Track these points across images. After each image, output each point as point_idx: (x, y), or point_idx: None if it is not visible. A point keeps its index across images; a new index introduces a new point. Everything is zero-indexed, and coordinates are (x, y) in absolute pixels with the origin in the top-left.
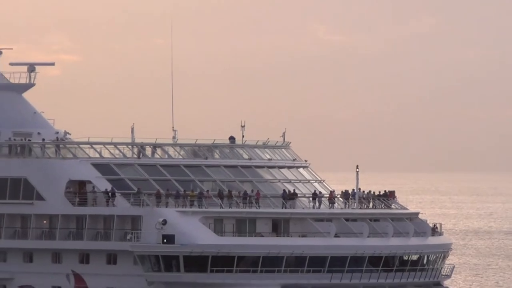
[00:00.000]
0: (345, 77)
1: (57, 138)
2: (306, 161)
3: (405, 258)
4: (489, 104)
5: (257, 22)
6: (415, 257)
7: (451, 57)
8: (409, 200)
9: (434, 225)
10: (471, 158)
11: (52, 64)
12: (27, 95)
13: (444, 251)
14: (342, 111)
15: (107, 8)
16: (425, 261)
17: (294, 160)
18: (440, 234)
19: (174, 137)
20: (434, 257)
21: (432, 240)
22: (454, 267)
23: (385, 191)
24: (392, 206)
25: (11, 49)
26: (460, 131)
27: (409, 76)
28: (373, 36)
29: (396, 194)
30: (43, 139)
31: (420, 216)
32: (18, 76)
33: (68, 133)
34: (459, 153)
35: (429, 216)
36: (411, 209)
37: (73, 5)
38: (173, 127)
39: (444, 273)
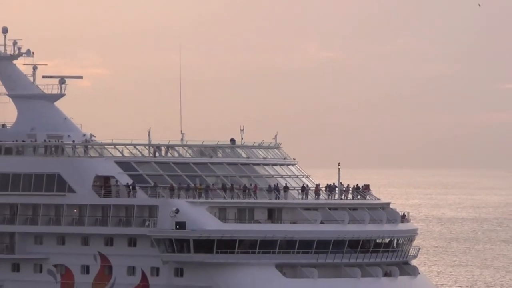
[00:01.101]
0: (333, 88)
1: (86, 140)
2: (294, 159)
3: (379, 241)
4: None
5: (256, 39)
6: (387, 240)
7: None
8: (381, 192)
9: (403, 214)
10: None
11: (80, 77)
12: (58, 103)
13: (411, 235)
14: (328, 117)
15: (131, 28)
16: (395, 243)
17: (284, 158)
18: (408, 221)
19: (182, 139)
20: (403, 240)
21: (401, 226)
22: (419, 248)
23: (364, 184)
24: (368, 198)
25: (46, 65)
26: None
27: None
28: (355, 52)
29: (371, 187)
30: (73, 141)
31: (391, 205)
32: (50, 87)
33: (93, 136)
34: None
35: (399, 206)
36: (383, 200)
37: (102, 26)
38: (181, 131)
39: (411, 254)
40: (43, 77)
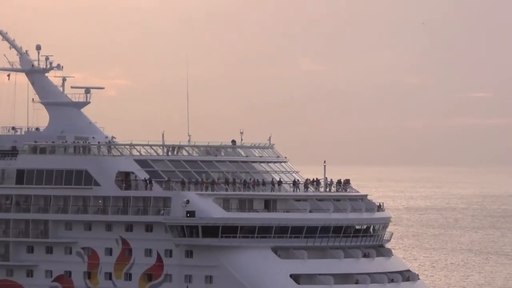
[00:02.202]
0: (318, 96)
1: (108, 141)
2: (285, 157)
3: (358, 227)
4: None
5: (255, 53)
6: (365, 227)
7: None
8: (364, 186)
9: (379, 204)
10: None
11: (102, 88)
12: (84, 110)
13: (385, 222)
14: (315, 121)
15: (148, 46)
16: (372, 229)
17: (277, 157)
18: (383, 210)
19: (189, 141)
20: (378, 226)
21: (377, 215)
22: (392, 234)
23: (345, 179)
24: (348, 190)
25: (73, 77)
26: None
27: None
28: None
29: (352, 182)
30: (98, 142)
31: (368, 197)
32: (77, 96)
33: (114, 137)
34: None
35: (375, 197)
36: (362, 192)
37: (124, 45)
38: (188, 133)
39: (385, 238)
40: (72, 87)
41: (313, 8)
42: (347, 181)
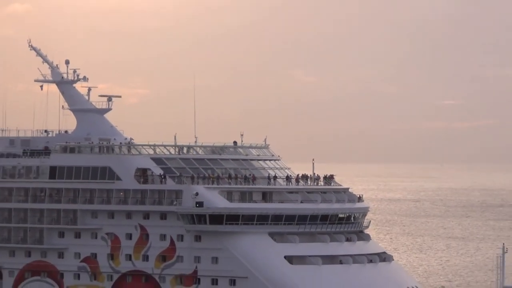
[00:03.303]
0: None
1: (128, 142)
2: (279, 156)
3: (341, 215)
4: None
5: (254, 67)
6: (347, 215)
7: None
8: (349, 180)
9: (359, 196)
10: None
11: (119, 96)
12: (107, 115)
13: (364, 211)
14: (305, 124)
15: (166, 60)
16: (353, 217)
17: (272, 155)
18: (362, 201)
19: (196, 142)
20: (358, 215)
21: (358, 205)
22: (370, 221)
23: (330, 174)
24: (332, 184)
25: (96, 87)
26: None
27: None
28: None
29: (337, 177)
30: (120, 143)
31: (350, 190)
32: (101, 104)
33: (132, 139)
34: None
35: (357, 190)
36: (345, 185)
37: (145, 58)
38: (195, 135)
39: (364, 225)
40: (99, 96)
41: (305, 28)
42: (331, 176)
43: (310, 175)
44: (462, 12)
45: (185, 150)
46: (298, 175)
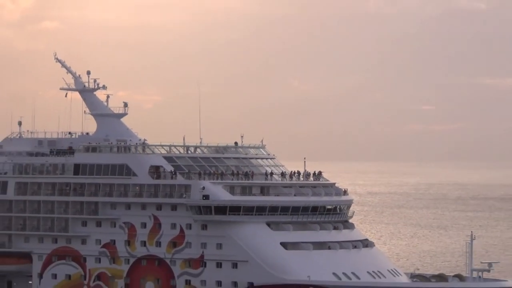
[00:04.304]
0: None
1: (142, 142)
2: (274, 155)
3: (329, 207)
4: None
5: (254, 74)
6: (334, 207)
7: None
8: (338, 176)
9: (344, 189)
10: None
11: (135, 103)
12: (123, 119)
13: (349, 203)
14: (296, 126)
15: (177, 70)
16: (338, 209)
17: (268, 154)
18: (347, 194)
19: (201, 142)
20: (344, 206)
21: (343, 198)
22: (354, 212)
23: (318, 171)
24: (321, 180)
25: (112, 94)
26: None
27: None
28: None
29: (329, 173)
30: (136, 143)
31: (336, 185)
32: (117, 109)
33: (146, 140)
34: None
35: (343, 185)
36: (331, 181)
37: (159, 68)
38: (200, 137)
39: (349, 215)
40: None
41: (298, 40)
42: (319, 173)
43: (302, 172)
44: (439, 30)
45: (192, 149)
46: (291, 171)
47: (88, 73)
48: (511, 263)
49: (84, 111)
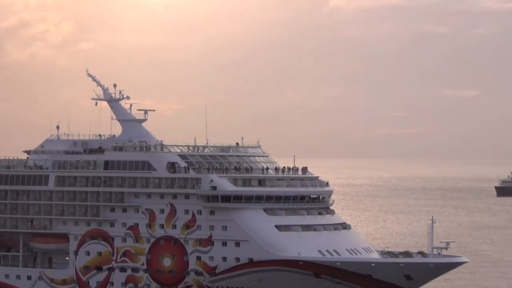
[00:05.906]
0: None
1: (160, 143)
2: (268, 153)
3: (314, 196)
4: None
5: (255, 86)
6: (318, 196)
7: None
8: (325, 171)
9: (326, 182)
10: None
11: (153, 110)
12: (145, 124)
13: (330, 193)
14: (289, 128)
15: (192, 81)
16: (321, 197)
17: (264, 153)
18: (328, 185)
19: (207, 143)
20: (326, 196)
21: (325, 188)
22: (334, 200)
23: (304, 166)
24: (307, 174)
25: (136, 103)
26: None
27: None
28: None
29: (314, 169)
30: (155, 144)
31: (319, 178)
32: (138, 115)
33: (162, 141)
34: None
35: (325, 177)
36: (315, 174)
37: (178, 80)
38: (206, 138)
39: (330, 203)
40: (137, 110)
41: (289, 55)
42: (305, 168)
43: (292, 167)
44: (410, 50)
45: (201, 149)
46: (283, 167)
47: (115, 85)
48: (466, 242)
49: (112, 117)
